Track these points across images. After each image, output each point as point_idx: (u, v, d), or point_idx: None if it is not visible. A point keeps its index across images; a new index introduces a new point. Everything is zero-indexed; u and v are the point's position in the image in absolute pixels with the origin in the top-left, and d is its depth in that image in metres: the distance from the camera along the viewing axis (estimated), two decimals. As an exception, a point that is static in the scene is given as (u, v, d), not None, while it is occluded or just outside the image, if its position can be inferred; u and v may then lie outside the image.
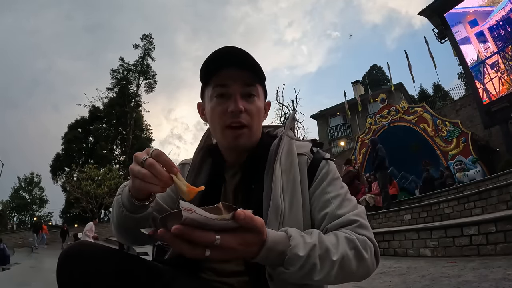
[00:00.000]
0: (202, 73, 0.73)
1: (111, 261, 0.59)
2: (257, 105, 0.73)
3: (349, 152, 13.93)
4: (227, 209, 0.45)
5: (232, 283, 0.69)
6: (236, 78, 0.70)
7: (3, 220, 34.84)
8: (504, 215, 2.82)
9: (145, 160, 0.56)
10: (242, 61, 0.69)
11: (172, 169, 0.56)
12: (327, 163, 0.74)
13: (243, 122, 0.70)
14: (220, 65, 0.70)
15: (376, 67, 37.09)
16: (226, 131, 0.72)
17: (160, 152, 0.57)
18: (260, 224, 0.48)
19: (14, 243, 20.03)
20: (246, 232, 0.47)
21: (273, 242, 0.51)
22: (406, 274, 2.53)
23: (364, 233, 0.63)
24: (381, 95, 12.87)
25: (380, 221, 6.44)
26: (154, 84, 33.64)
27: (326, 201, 0.68)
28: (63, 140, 31.88)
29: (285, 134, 0.76)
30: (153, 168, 0.55)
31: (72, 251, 0.59)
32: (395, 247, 3.69)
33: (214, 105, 0.72)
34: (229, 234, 0.45)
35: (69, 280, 0.57)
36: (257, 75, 0.72)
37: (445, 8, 11.32)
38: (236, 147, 0.74)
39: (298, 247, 0.53)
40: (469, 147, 9.14)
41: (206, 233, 0.43)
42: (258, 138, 0.77)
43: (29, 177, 41.55)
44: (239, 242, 0.46)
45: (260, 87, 0.75)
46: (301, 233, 0.57)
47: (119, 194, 0.69)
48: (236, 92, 0.71)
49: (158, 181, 0.55)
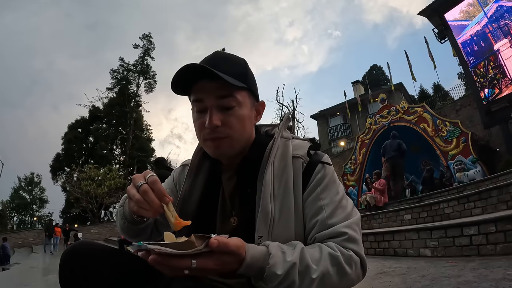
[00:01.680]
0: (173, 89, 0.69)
1: (111, 260, 0.61)
2: (238, 115, 0.68)
3: (349, 152, 13.93)
4: (200, 239, 0.48)
5: (231, 284, 0.69)
6: (210, 90, 0.67)
7: (3, 220, 34.90)
8: (504, 215, 2.82)
9: (141, 185, 0.58)
10: (210, 73, 0.63)
11: (164, 198, 0.58)
12: (324, 167, 0.71)
13: (220, 136, 0.68)
14: (189, 78, 0.66)
15: (376, 67, 37.09)
16: (206, 143, 0.71)
17: (155, 180, 0.59)
18: (235, 247, 0.51)
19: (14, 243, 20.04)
20: (223, 254, 0.50)
21: (252, 259, 0.54)
22: (406, 274, 2.53)
23: (351, 247, 0.62)
24: (381, 95, 12.86)
25: (380, 221, 6.44)
26: (154, 84, 33.69)
27: (319, 208, 0.67)
28: (63, 140, 31.90)
29: (279, 136, 0.74)
30: (146, 195, 0.57)
31: (74, 250, 0.60)
32: (395, 247, 3.68)
33: (195, 119, 0.71)
34: (205, 258, 0.49)
35: (71, 277, 0.58)
36: (233, 83, 0.65)
37: (445, 8, 11.32)
38: (220, 156, 0.73)
39: (277, 265, 0.54)
40: (469, 147, 9.13)
41: (181, 260, 0.47)
42: (245, 143, 0.74)
43: (29, 177, 41.60)
44: (215, 263, 0.50)
45: (242, 93, 0.70)
46: (282, 249, 0.58)
47: (121, 206, 0.73)
48: (212, 106, 0.67)
49: (149, 208, 0.58)
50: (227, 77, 0.64)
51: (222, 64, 0.67)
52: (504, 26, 10.20)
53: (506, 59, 9.88)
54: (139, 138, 32.80)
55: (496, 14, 10.47)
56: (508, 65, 9.81)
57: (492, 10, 10.63)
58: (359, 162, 12.31)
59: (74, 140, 31.40)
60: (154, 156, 33.30)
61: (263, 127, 0.84)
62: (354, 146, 13.08)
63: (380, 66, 36.66)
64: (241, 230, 0.67)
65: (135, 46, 33.13)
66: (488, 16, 10.65)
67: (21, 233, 22.14)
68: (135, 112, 32.41)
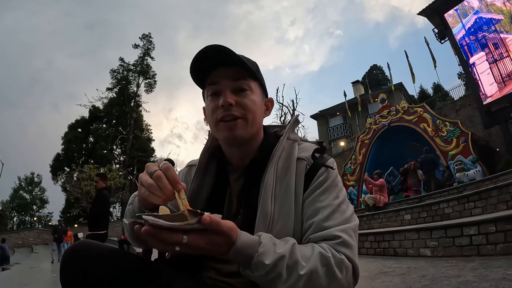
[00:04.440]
0: (193, 77, 0.74)
1: (111, 259, 0.61)
2: (250, 98, 0.72)
3: (349, 152, 13.93)
4: (193, 214, 0.49)
5: (233, 283, 0.70)
6: (225, 74, 0.71)
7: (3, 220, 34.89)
8: (504, 215, 2.82)
9: (154, 171, 0.58)
10: (227, 59, 0.69)
11: (177, 185, 0.57)
12: (327, 170, 0.71)
13: (235, 114, 0.70)
14: (208, 66, 0.71)
15: (376, 67, 37.08)
16: (219, 124, 0.72)
17: (169, 166, 0.58)
18: (227, 228, 0.52)
19: (14, 243, 20.07)
20: (214, 234, 0.51)
21: (242, 245, 0.54)
22: (406, 274, 2.53)
23: (344, 251, 0.61)
24: (381, 95, 12.85)
25: (380, 221, 6.44)
26: (154, 84, 33.71)
27: (316, 210, 0.66)
28: (63, 140, 31.94)
29: (285, 138, 0.75)
30: (160, 180, 0.57)
31: (75, 250, 0.61)
32: (395, 247, 3.69)
33: (208, 103, 0.74)
34: (197, 235, 0.50)
35: (71, 277, 0.59)
36: (247, 70, 0.71)
37: (445, 8, 11.32)
38: (233, 139, 0.72)
39: (266, 254, 0.55)
40: (469, 147, 9.12)
41: (173, 234, 0.48)
42: (257, 134, 0.75)
43: (29, 177, 41.59)
44: (206, 242, 0.50)
45: (254, 82, 0.74)
46: (274, 241, 0.58)
47: (130, 204, 0.71)
48: (226, 88, 0.71)
49: (161, 194, 0.57)
50: (243, 62, 0.69)
51: (234, 54, 0.70)
52: (482, 39, 10.21)
53: (481, 73, 9.94)
54: (139, 138, 32.80)
55: (475, 26, 10.48)
56: (483, 79, 9.86)
57: (471, 22, 10.63)
58: (359, 162, 12.31)
59: (74, 140, 31.43)
60: (154, 156, 33.32)
61: (272, 128, 0.84)
62: (354, 146, 13.08)
63: (380, 66, 36.69)
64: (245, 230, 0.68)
65: (135, 46, 33.16)
66: (466, 28, 10.68)
67: (21, 233, 22.18)
68: (135, 112, 32.42)
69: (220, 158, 0.79)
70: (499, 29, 9.77)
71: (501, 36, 9.68)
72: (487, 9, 10.19)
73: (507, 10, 9.62)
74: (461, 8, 11.00)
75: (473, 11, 10.58)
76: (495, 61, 9.74)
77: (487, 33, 10.04)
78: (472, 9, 10.67)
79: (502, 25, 9.70)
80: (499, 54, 9.65)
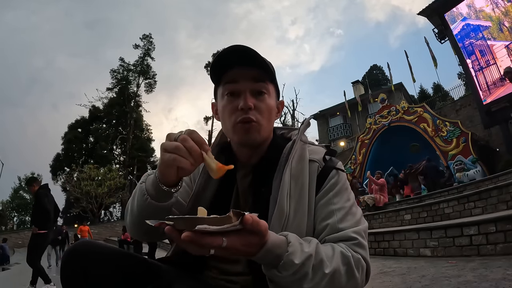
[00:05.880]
0: (212, 72, 0.74)
1: (112, 259, 0.61)
2: (267, 103, 0.73)
3: (349, 152, 13.93)
4: (236, 215, 0.46)
5: (236, 281, 0.70)
6: (246, 75, 0.71)
7: (3, 220, 34.89)
8: (504, 215, 2.83)
9: (179, 135, 0.58)
10: (251, 59, 0.69)
11: (204, 146, 0.57)
12: (337, 173, 0.73)
13: (252, 118, 0.70)
14: (230, 63, 0.71)
15: (376, 67, 37.08)
16: (237, 126, 0.72)
17: (193, 131, 0.59)
18: (264, 228, 0.50)
19: (14, 243, 20.07)
20: (251, 234, 0.48)
21: (272, 245, 0.53)
22: (406, 274, 2.53)
23: (360, 252, 0.63)
24: (381, 95, 12.85)
25: (380, 221, 6.44)
26: (154, 84, 33.76)
27: (330, 212, 0.68)
28: (63, 140, 31.94)
29: (299, 139, 0.76)
30: (186, 141, 0.56)
31: (75, 249, 0.61)
32: (395, 247, 3.69)
33: (225, 103, 0.73)
34: (235, 236, 0.47)
35: (72, 277, 0.59)
36: (267, 72, 0.72)
37: (445, 8, 11.31)
38: (247, 142, 0.73)
39: (295, 254, 0.54)
40: (469, 147, 9.13)
41: (214, 238, 0.45)
42: (268, 137, 0.77)
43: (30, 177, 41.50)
44: (242, 243, 0.48)
45: (271, 85, 0.75)
46: (300, 241, 0.58)
47: (143, 182, 0.68)
48: (246, 89, 0.71)
49: (189, 156, 0.56)
50: (266, 63, 0.70)
51: (258, 56, 0.70)
52: (468, 46, 10.18)
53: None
54: (139, 138, 32.81)
55: (462, 33, 10.44)
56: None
57: (458, 28, 10.60)
58: (359, 162, 12.31)
59: (74, 140, 31.43)
60: (154, 156, 33.32)
61: (279, 130, 0.86)
62: (354, 146, 13.09)
63: (380, 66, 36.68)
64: None
65: (135, 46, 33.20)
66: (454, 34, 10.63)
67: (21, 233, 22.16)
68: (135, 112, 32.43)
69: (229, 155, 0.79)
70: (487, 36, 9.72)
71: (488, 43, 9.62)
72: (476, 15, 10.13)
73: (496, 16, 9.57)
74: (450, 14, 10.96)
75: (461, 17, 10.52)
76: (481, 68, 9.74)
77: (474, 40, 10.01)
78: (460, 15, 10.63)
79: (490, 32, 9.66)
80: (486, 62, 9.63)
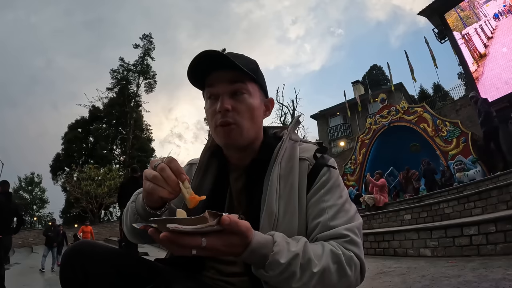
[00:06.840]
0: (190, 79, 0.73)
1: (111, 259, 0.61)
2: (247, 103, 0.71)
3: (349, 152, 13.92)
4: (213, 216, 0.47)
5: (233, 282, 0.70)
6: (222, 78, 0.71)
7: (3, 220, 34.75)
8: (504, 215, 2.82)
9: (158, 164, 0.59)
10: (222, 62, 0.69)
11: (181, 176, 0.58)
12: (329, 170, 0.72)
13: (229, 120, 0.70)
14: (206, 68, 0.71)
15: (376, 67, 37.06)
16: (217, 129, 0.72)
17: (173, 159, 0.60)
18: (244, 228, 0.50)
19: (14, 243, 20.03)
20: (231, 234, 0.49)
21: (257, 245, 0.53)
22: (406, 274, 2.53)
23: (352, 249, 0.62)
24: (381, 95, 12.84)
25: (380, 221, 6.44)
26: (154, 84, 33.72)
27: (321, 210, 0.67)
28: (63, 140, 31.93)
29: (287, 138, 0.76)
30: (164, 171, 0.58)
31: (75, 249, 0.61)
32: (395, 247, 3.69)
33: (207, 107, 0.74)
34: (215, 237, 0.48)
35: (71, 277, 0.59)
36: (245, 72, 0.70)
37: (445, 8, 11.32)
38: (230, 145, 0.73)
39: (281, 253, 0.54)
40: (469, 147, 9.12)
41: (192, 238, 0.46)
42: (256, 137, 0.76)
43: (30, 177, 41.54)
44: (223, 244, 0.49)
45: (252, 84, 0.73)
46: (287, 240, 0.58)
47: (133, 202, 0.71)
48: (224, 91, 0.71)
49: (166, 185, 0.58)
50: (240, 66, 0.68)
51: (236, 58, 0.70)
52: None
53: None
54: (139, 138, 32.80)
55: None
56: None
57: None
58: (359, 162, 12.30)
59: (74, 140, 31.41)
60: (154, 156, 33.31)
61: (272, 129, 0.85)
62: (354, 146, 13.07)
63: (380, 66, 36.66)
64: None
65: (135, 46, 33.18)
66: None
67: (21, 233, 22.12)
68: (135, 112, 32.42)
69: (221, 157, 0.79)
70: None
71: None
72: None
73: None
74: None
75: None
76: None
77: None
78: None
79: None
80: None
